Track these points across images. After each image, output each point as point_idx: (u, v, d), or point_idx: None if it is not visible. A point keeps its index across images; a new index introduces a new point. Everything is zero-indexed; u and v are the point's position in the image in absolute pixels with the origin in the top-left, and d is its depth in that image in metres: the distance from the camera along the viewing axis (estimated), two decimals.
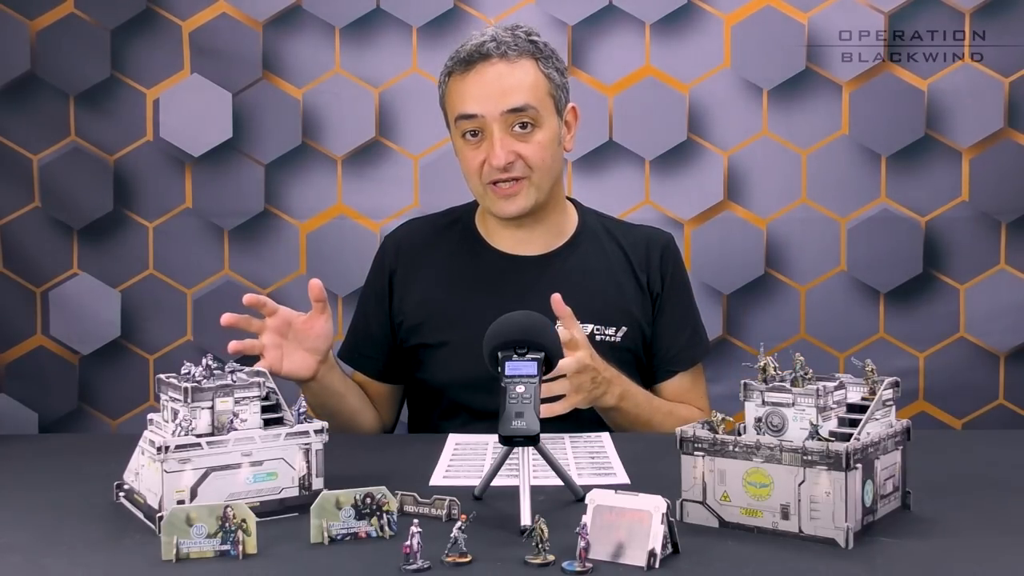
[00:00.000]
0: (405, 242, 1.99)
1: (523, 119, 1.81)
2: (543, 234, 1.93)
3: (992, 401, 2.58)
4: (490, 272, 1.92)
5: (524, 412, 1.17)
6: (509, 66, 1.81)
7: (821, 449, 1.10)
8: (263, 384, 1.25)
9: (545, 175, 1.85)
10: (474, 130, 1.83)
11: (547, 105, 1.84)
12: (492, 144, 1.80)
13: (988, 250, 2.57)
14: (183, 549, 1.07)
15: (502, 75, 1.81)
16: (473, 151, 1.83)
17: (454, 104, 1.85)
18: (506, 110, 1.80)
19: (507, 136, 1.80)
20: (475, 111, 1.81)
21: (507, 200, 1.84)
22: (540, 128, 1.82)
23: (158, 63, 2.60)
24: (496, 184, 1.83)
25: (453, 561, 1.04)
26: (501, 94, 1.80)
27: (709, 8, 2.58)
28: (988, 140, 2.56)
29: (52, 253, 2.60)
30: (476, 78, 1.81)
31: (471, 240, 1.96)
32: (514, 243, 1.93)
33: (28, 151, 2.60)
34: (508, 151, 1.80)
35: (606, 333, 1.88)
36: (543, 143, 1.83)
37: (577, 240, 1.96)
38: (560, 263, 1.92)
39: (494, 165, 1.80)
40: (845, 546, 1.09)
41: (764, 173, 2.59)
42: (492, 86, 1.80)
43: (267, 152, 2.61)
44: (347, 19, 2.60)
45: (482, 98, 1.80)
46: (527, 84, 1.82)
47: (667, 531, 1.04)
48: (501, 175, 1.81)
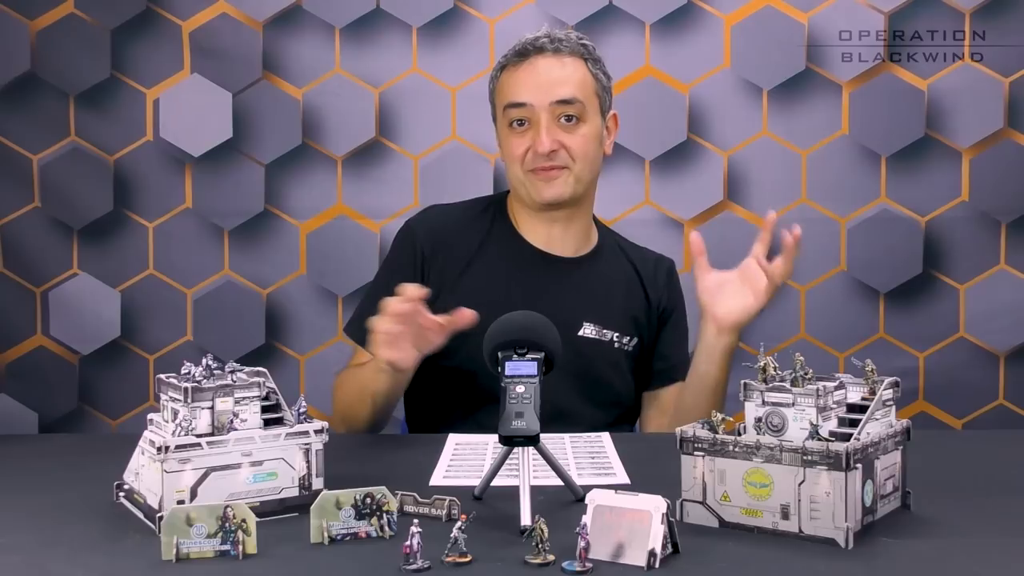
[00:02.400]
0: (437, 227, 1.98)
1: (569, 112, 1.86)
2: (573, 237, 1.96)
3: (992, 401, 2.58)
4: (524, 266, 1.94)
5: (524, 412, 1.17)
6: (560, 61, 1.87)
7: (821, 449, 1.10)
8: (263, 384, 1.25)
9: (586, 168, 1.89)
10: (521, 119, 1.87)
11: (593, 103, 1.89)
12: (538, 132, 1.84)
13: (988, 250, 2.57)
14: (183, 549, 1.07)
15: (552, 68, 1.87)
16: (518, 139, 1.87)
17: (504, 93, 1.89)
18: (554, 100, 1.84)
19: (553, 126, 1.85)
20: (525, 99, 1.85)
21: (547, 183, 1.87)
22: (585, 123, 1.87)
23: (158, 63, 2.60)
24: (536, 172, 1.87)
25: (453, 561, 1.04)
26: (550, 85, 1.85)
27: (709, 8, 2.58)
28: (988, 140, 2.56)
29: (52, 253, 2.60)
30: (528, 69, 1.87)
31: (506, 230, 1.98)
32: (546, 240, 1.95)
33: (28, 151, 2.60)
34: (553, 139, 1.84)
35: (622, 341, 1.93)
36: (587, 136, 1.87)
37: (600, 250, 2.00)
38: (588, 268, 1.96)
39: (539, 151, 1.84)
40: (845, 546, 1.09)
41: (764, 173, 2.59)
42: (542, 77, 1.86)
43: (267, 152, 2.61)
44: (347, 19, 2.60)
45: (532, 87, 1.86)
46: (576, 79, 1.87)
47: (667, 531, 1.04)
48: (544, 163, 1.85)
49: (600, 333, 1.90)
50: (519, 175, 1.90)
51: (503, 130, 1.92)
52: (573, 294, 1.89)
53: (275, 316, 2.63)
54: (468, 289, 1.90)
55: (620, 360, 1.90)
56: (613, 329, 1.92)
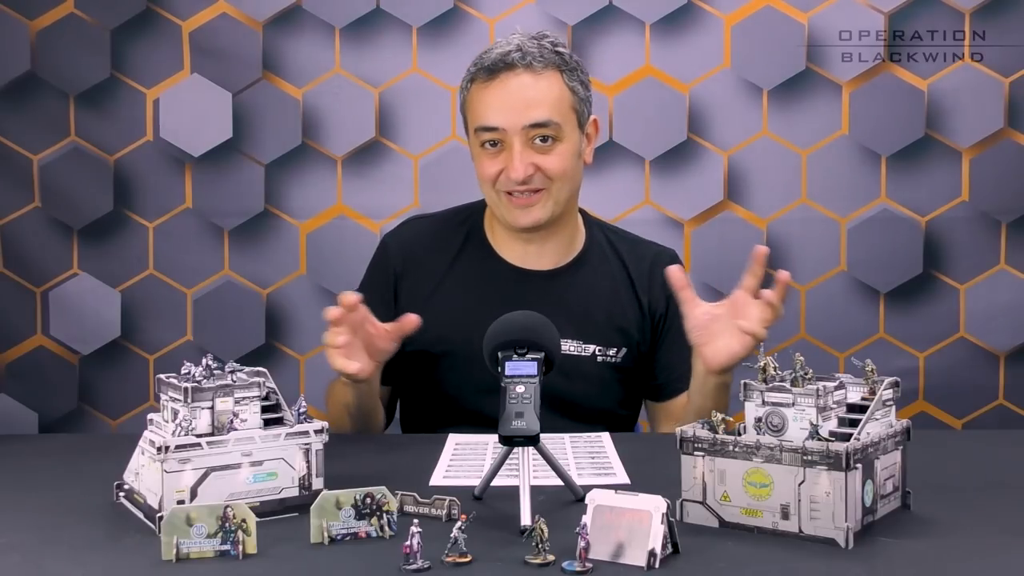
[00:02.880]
0: (409, 244, 1.95)
1: (544, 133, 1.77)
2: (553, 249, 1.90)
3: (992, 401, 2.58)
4: (496, 283, 1.88)
5: (524, 412, 1.17)
6: (534, 78, 1.78)
7: (821, 449, 1.10)
8: (263, 384, 1.25)
9: (563, 187, 1.81)
10: (493, 140, 1.79)
11: (570, 120, 1.81)
12: (512, 157, 1.77)
13: (988, 250, 2.57)
14: (183, 549, 1.07)
15: (526, 87, 1.77)
16: (491, 160, 1.80)
17: (476, 114, 1.82)
18: (528, 124, 1.76)
19: (527, 149, 1.77)
20: (496, 123, 1.77)
21: (523, 211, 1.80)
22: (561, 142, 1.79)
23: (158, 63, 2.60)
24: (512, 194, 1.80)
25: (453, 561, 1.04)
26: (524, 107, 1.76)
27: (709, 8, 2.58)
28: (988, 140, 2.56)
29: (52, 253, 2.60)
30: (499, 88, 1.78)
31: (479, 246, 1.93)
32: (522, 256, 1.90)
33: (28, 151, 2.60)
34: (527, 164, 1.76)
35: (607, 354, 1.86)
36: (564, 155, 1.79)
37: (584, 257, 1.92)
38: (567, 280, 1.90)
39: (512, 178, 1.77)
40: (845, 546, 1.09)
41: (764, 173, 2.59)
42: (515, 97, 1.77)
43: (267, 152, 2.61)
44: (347, 19, 2.60)
45: (504, 110, 1.77)
46: (551, 98, 1.78)
47: (667, 531, 1.04)
48: (518, 187, 1.78)
49: (581, 348, 1.84)
50: (492, 196, 1.83)
51: (475, 147, 1.84)
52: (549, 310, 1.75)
53: (275, 316, 2.63)
54: (439, 307, 1.86)
55: (604, 373, 1.81)
56: (595, 343, 1.85)
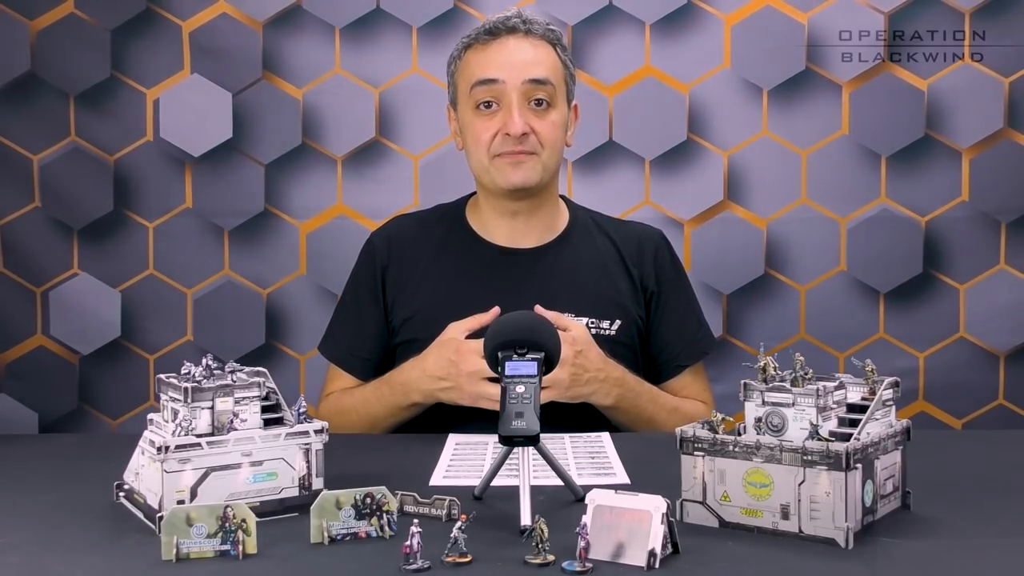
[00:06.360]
0: (395, 238, 1.98)
1: (540, 94, 1.82)
2: (536, 226, 1.93)
3: (992, 401, 2.58)
4: (483, 265, 1.91)
5: (524, 412, 1.18)
6: (531, 42, 1.85)
7: (821, 449, 1.10)
8: (263, 384, 1.25)
9: (553, 156, 1.86)
10: (488, 101, 1.83)
11: (562, 88, 1.87)
12: (510, 112, 1.80)
13: (988, 250, 2.57)
14: (183, 549, 1.07)
15: (524, 48, 1.84)
16: (486, 122, 1.83)
17: (472, 71, 1.84)
18: (528, 79, 1.81)
19: (525, 108, 1.82)
20: (496, 76, 1.81)
21: (515, 167, 1.83)
22: (555, 108, 1.84)
23: (158, 63, 2.59)
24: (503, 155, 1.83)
25: (453, 561, 1.04)
26: (524, 64, 1.82)
27: (709, 8, 2.58)
28: (988, 140, 2.56)
29: (52, 253, 2.60)
30: (499, 47, 1.84)
31: (462, 233, 1.95)
32: (507, 235, 1.92)
33: (28, 151, 2.60)
34: (525, 122, 1.80)
35: (601, 326, 1.86)
36: (556, 123, 1.85)
37: (569, 234, 1.95)
38: (553, 256, 1.92)
39: (511, 132, 1.80)
40: (845, 546, 1.09)
41: (764, 173, 2.59)
42: (515, 56, 1.83)
43: (267, 152, 2.61)
44: (347, 19, 2.60)
45: (505, 65, 1.82)
46: (548, 62, 1.85)
47: (667, 531, 1.04)
48: (513, 147, 1.81)
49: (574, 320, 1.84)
50: (484, 162, 1.85)
51: (468, 113, 1.85)
52: (539, 284, 1.81)
53: (275, 316, 2.62)
54: (426, 294, 1.89)
55: (601, 346, 1.81)
56: (587, 315, 1.85)
